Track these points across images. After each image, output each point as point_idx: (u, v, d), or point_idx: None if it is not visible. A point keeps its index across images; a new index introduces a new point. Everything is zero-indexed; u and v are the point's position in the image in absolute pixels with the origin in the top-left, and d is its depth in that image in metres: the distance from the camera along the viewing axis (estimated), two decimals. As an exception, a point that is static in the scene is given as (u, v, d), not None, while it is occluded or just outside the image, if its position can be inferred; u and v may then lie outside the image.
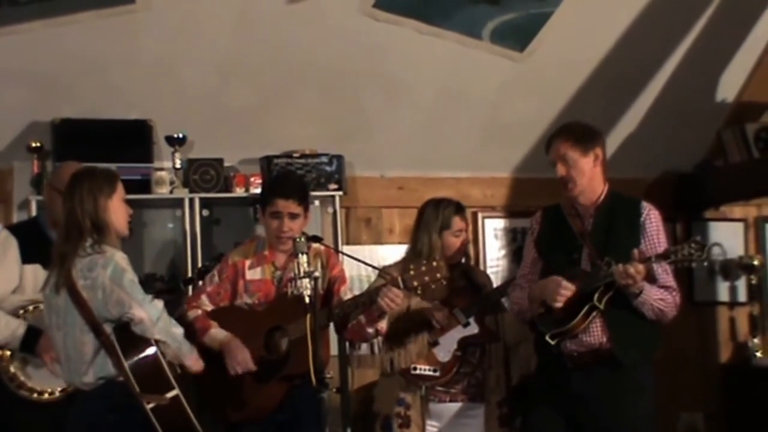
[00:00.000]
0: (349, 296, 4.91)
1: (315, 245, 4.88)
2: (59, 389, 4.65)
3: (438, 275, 4.66)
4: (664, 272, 4.49)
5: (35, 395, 4.71)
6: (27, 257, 4.79)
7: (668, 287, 4.48)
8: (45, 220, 5.01)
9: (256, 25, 5.88)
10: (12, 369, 4.70)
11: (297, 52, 6.08)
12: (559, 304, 4.42)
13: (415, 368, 5.14)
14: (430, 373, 5.13)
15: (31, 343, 4.64)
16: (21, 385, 4.70)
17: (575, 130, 4.63)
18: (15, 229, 5.03)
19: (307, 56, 6.12)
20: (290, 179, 5.50)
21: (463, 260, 5.41)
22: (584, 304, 4.40)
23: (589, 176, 4.56)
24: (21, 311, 4.72)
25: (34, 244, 4.78)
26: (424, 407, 5.14)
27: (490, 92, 6.65)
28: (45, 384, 4.68)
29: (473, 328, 5.18)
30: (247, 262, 4.96)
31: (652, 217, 4.54)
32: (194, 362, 4.40)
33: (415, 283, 4.66)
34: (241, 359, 4.73)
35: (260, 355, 4.78)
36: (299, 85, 6.30)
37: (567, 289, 4.40)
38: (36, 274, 4.74)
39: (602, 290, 4.37)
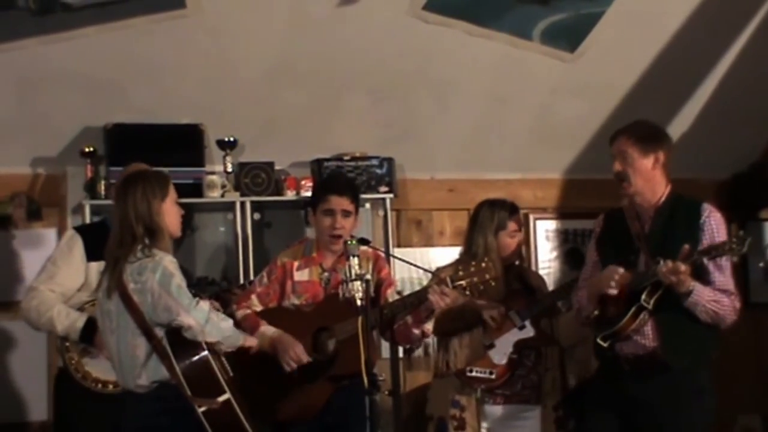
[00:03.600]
0: (395, 298, 4.91)
1: (363, 248, 4.88)
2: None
3: (487, 276, 4.64)
4: (721, 275, 4.39)
5: (99, 386, 4.79)
6: (93, 255, 4.87)
7: (726, 291, 4.38)
8: (112, 222, 5.07)
9: (306, 29, 5.89)
10: (77, 359, 4.79)
11: (347, 55, 6.08)
12: (613, 291, 4.36)
13: (470, 370, 5.12)
14: (486, 375, 5.10)
15: (91, 334, 4.73)
16: (86, 375, 4.79)
17: (640, 129, 4.58)
18: (83, 229, 5.17)
19: (357, 59, 6.12)
20: (343, 177, 5.56)
21: (517, 262, 5.39)
22: (633, 305, 4.36)
23: (646, 177, 4.49)
24: (86, 306, 4.85)
25: (101, 243, 4.84)
26: (479, 409, 5.12)
27: (540, 93, 6.62)
28: (106, 375, 4.75)
29: (529, 331, 5.15)
30: (296, 264, 4.99)
31: (712, 220, 4.44)
32: (249, 342, 4.44)
33: (464, 283, 4.65)
34: (294, 354, 4.74)
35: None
36: (349, 88, 6.31)
37: (619, 274, 4.35)
38: (101, 270, 4.82)
39: (650, 290, 4.32)
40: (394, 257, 5.65)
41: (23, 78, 5.75)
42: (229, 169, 6.23)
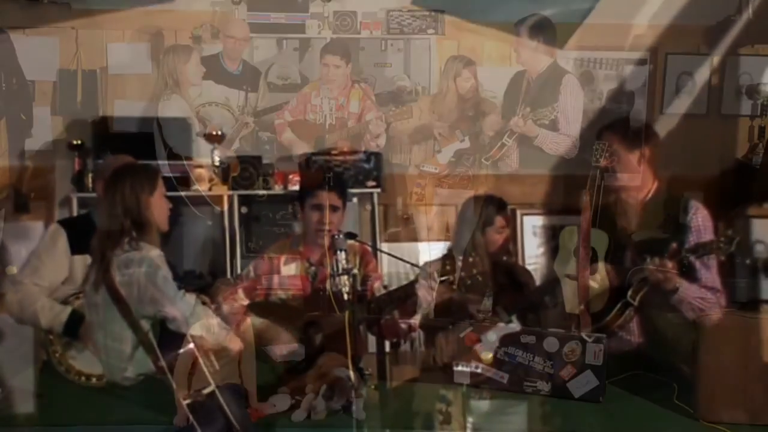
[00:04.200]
0: (382, 293, 4.92)
1: (350, 242, 4.89)
2: (100, 374, 4.72)
3: (474, 271, 4.64)
4: (708, 272, 4.42)
5: (83, 379, 4.78)
6: (77, 249, 4.85)
7: (712, 288, 4.41)
8: (96, 216, 5.06)
9: (295, 24, 5.89)
10: (61, 352, 4.78)
11: (337, 49, 6.08)
12: (595, 284, 4.37)
13: (456, 365, 5.12)
14: (472, 370, 5.11)
15: (74, 328, 4.70)
16: (69, 369, 4.78)
17: (627, 125, 4.60)
18: (67, 223, 5.12)
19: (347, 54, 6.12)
20: (331, 173, 5.55)
21: (505, 257, 5.39)
22: (619, 301, 4.37)
23: (632, 173, 4.51)
24: (70, 299, 4.81)
25: (85, 236, 4.83)
26: (465, 404, 5.13)
27: (528, 88, 6.62)
28: (90, 368, 4.75)
29: (515, 326, 5.16)
30: (282, 258, 5.00)
31: (699, 217, 4.46)
32: (233, 343, 4.40)
33: (451, 278, 4.65)
34: (285, 339, 4.75)
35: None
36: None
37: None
38: (86, 264, 4.81)
39: (636, 286, 4.33)
40: (382, 251, 5.65)
41: (11, 70, 5.73)
42: (217, 163, 6.23)
